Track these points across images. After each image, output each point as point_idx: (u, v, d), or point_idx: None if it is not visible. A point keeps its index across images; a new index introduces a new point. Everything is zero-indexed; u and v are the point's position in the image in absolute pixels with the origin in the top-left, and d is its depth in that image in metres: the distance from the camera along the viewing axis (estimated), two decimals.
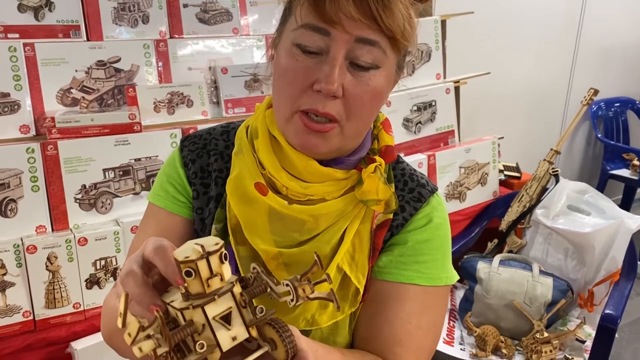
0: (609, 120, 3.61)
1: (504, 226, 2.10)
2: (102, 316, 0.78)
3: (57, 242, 1.35)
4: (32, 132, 1.47)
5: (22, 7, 1.49)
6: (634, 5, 3.52)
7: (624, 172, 3.32)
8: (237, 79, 1.76)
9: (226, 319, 0.50)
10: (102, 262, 1.42)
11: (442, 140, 2.19)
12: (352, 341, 0.78)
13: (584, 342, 1.72)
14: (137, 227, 0.86)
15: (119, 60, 1.60)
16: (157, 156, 1.54)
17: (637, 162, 3.27)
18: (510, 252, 2.06)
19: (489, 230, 2.16)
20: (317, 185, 0.72)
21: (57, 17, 1.54)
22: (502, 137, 2.27)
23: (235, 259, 0.75)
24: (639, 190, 3.70)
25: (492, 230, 2.15)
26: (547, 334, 1.68)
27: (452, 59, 2.28)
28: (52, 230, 1.42)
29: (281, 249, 0.73)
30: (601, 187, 3.31)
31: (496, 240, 2.11)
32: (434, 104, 2.13)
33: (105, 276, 1.43)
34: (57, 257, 1.35)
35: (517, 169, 2.40)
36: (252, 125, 0.77)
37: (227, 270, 0.50)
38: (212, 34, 1.78)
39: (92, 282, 1.41)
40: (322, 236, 0.73)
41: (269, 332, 0.52)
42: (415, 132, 2.09)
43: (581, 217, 1.98)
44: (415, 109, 2.07)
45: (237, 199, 0.75)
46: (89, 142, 1.44)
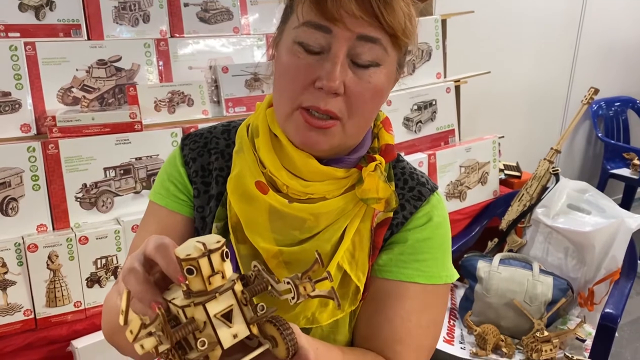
0: (609, 119, 3.61)
1: (504, 225, 2.10)
2: (103, 314, 0.78)
3: (58, 241, 1.35)
4: (33, 131, 1.48)
5: (23, 7, 1.49)
6: (634, 4, 3.52)
7: (625, 172, 3.32)
8: (238, 78, 1.76)
9: (227, 317, 0.50)
10: (103, 261, 1.42)
11: (442, 139, 2.19)
12: (352, 339, 0.78)
13: (584, 341, 1.72)
14: (138, 226, 0.87)
15: (119, 59, 1.61)
16: (157, 155, 1.54)
17: (637, 162, 3.27)
18: (510, 251, 2.06)
19: (489, 229, 2.16)
20: (317, 183, 0.72)
21: (57, 16, 1.54)
22: (503, 137, 2.27)
23: (235, 258, 0.75)
24: (639, 189, 3.69)
25: (493, 229, 2.15)
26: (547, 333, 1.68)
27: (452, 58, 2.28)
28: (53, 229, 1.42)
29: (281, 247, 0.73)
30: (601, 187, 3.31)
31: (496, 239, 2.11)
32: (434, 103, 2.13)
33: (106, 275, 1.43)
34: (58, 256, 1.36)
35: (517, 168, 2.40)
36: (253, 123, 0.77)
37: (228, 268, 0.50)
38: (213, 33, 1.79)
39: (93, 280, 1.42)
40: (323, 234, 0.73)
41: (270, 329, 0.52)
42: (415, 131, 2.09)
43: (581, 216, 1.98)
44: (415, 108, 2.08)
45: (238, 197, 0.75)
46: (90, 141, 1.44)
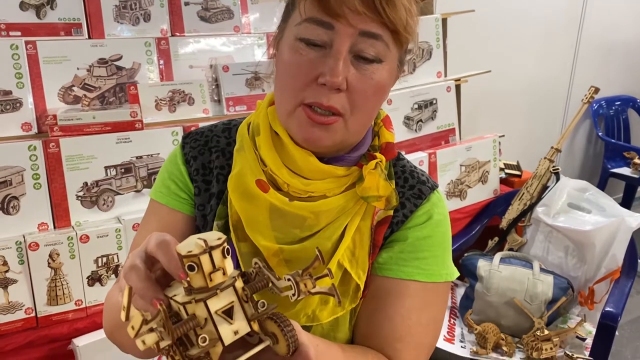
0: (609, 118, 3.61)
1: (504, 224, 2.10)
2: (104, 312, 0.79)
3: (59, 240, 1.36)
4: (34, 129, 1.48)
5: (24, 5, 1.50)
6: (635, 3, 3.51)
7: (625, 171, 3.32)
8: (238, 77, 1.77)
9: (228, 313, 0.50)
10: (104, 260, 1.43)
11: (442, 138, 2.19)
12: (353, 337, 0.79)
13: (584, 339, 1.72)
14: (139, 225, 0.87)
15: (120, 58, 1.61)
16: (158, 154, 1.54)
17: (637, 161, 3.27)
18: (510, 250, 2.07)
19: (490, 228, 2.16)
20: (318, 182, 0.72)
21: (58, 15, 1.55)
22: (503, 135, 2.27)
23: (236, 256, 0.75)
24: (639, 188, 3.69)
25: (493, 228, 2.15)
26: (547, 332, 1.68)
27: (453, 57, 2.28)
28: (54, 227, 1.42)
29: (282, 245, 0.73)
30: (602, 186, 3.31)
31: (497, 238, 2.11)
32: (434, 102, 2.13)
33: (106, 273, 1.43)
34: (59, 254, 1.36)
35: (517, 167, 2.40)
36: (254, 122, 0.77)
37: (229, 264, 0.50)
38: (214, 32, 1.79)
39: (94, 279, 1.42)
40: (323, 233, 0.73)
41: (271, 326, 0.52)
42: (416, 130, 2.09)
43: (582, 215, 1.98)
44: (416, 107, 2.08)
45: (239, 195, 0.75)
46: (91, 139, 1.44)
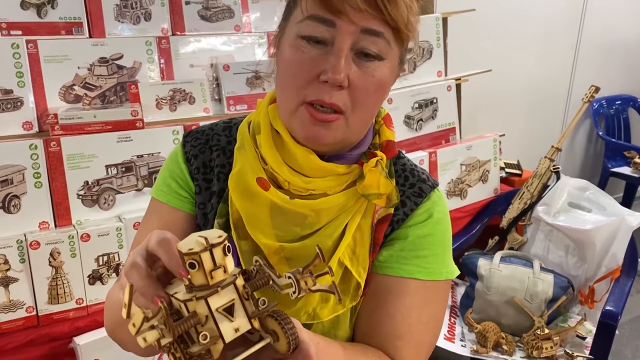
0: (610, 117, 3.61)
1: (504, 223, 2.10)
2: (105, 310, 0.79)
3: (60, 238, 1.36)
4: (35, 128, 1.48)
5: (24, 4, 1.50)
6: (635, 2, 3.51)
7: (625, 170, 3.32)
8: (239, 76, 1.77)
9: (229, 311, 0.50)
10: (105, 258, 1.43)
11: (443, 137, 2.19)
12: (353, 335, 0.79)
13: (584, 338, 1.73)
14: (140, 223, 0.87)
15: (121, 57, 1.61)
16: (159, 153, 1.54)
17: (638, 160, 3.26)
18: (511, 249, 2.07)
19: (490, 227, 2.16)
20: (318, 180, 0.72)
21: (59, 14, 1.55)
22: (503, 135, 2.27)
23: (237, 254, 0.75)
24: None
25: (493, 227, 2.15)
26: (547, 331, 1.68)
27: (453, 56, 2.28)
28: (55, 226, 1.42)
29: (283, 243, 0.73)
30: (602, 185, 3.30)
31: (497, 237, 2.11)
32: (435, 101, 2.13)
33: (107, 272, 1.43)
34: (60, 253, 1.36)
35: (518, 166, 2.40)
36: (255, 120, 0.78)
37: (230, 262, 0.51)
38: (214, 31, 1.79)
39: (95, 277, 1.42)
40: (324, 231, 0.73)
41: (271, 324, 0.53)
42: (416, 129, 2.10)
43: (582, 214, 1.98)
44: (416, 106, 2.08)
45: (239, 194, 0.75)
46: (92, 138, 1.45)
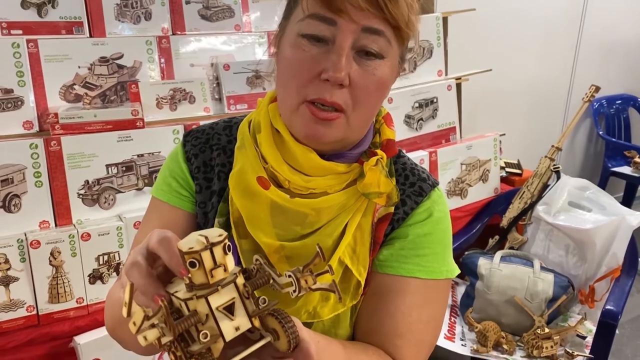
0: (610, 117, 3.61)
1: (505, 223, 2.10)
2: (106, 309, 0.79)
3: (60, 238, 1.36)
4: (36, 128, 1.48)
5: (25, 4, 1.50)
6: (635, 2, 3.51)
7: (626, 170, 3.31)
8: (239, 75, 1.77)
9: (229, 310, 0.50)
10: (105, 258, 1.43)
11: (443, 137, 2.19)
12: (353, 334, 0.79)
13: (584, 337, 1.73)
14: (140, 223, 0.87)
15: (121, 56, 1.61)
16: (159, 152, 1.54)
17: (638, 160, 3.26)
18: (511, 248, 2.07)
19: (490, 226, 2.16)
20: (319, 178, 0.72)
21: (60, 14, 1.55)
22: (504, 134, 2.27)
23: (237, 253, 0.75)
24: None
25: (493, 226, 2.15)
26: (548, 330, 1.68)
27: (453, 55, 2.28)
28: (56, 225, 1.43)
29: (283, 242, 0.73)
30: (602, 185, 3.30)
31: (497, 236, 2.11)
32: (435, 100, 2.13)
33: (108, 271, 1.43)
34: (60, 252, 1.36)
35: (518, 165, 2.40)
36: (255, 119, 0.78)
37: (230, 261, 0.51)
38: (214, 30, 1.79)
39: (95, 277, 1.42)
40: (324, 229, 0.73)
41: (272, 322, 0.53)
42: (416, 128, 2.10)
43: (582, 213, 1.98)
44: (416, 105, 2.08)
45: (240, 193, 0.75)
46: (92, 138, 1.45)
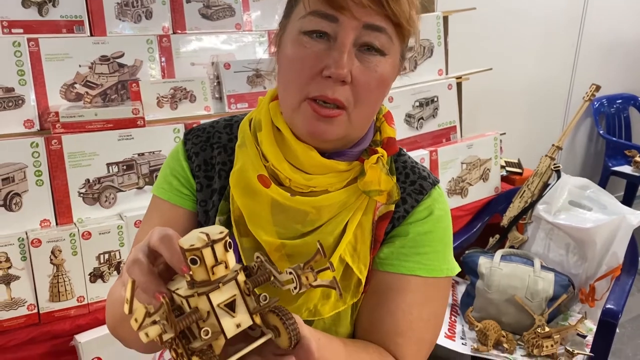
0: (611, 116, 3.60)
1: (505, 222, 2.10)
2: (107, 307, 0.79)
3: (61, 236, 1.36)
4: (37, 126, 1.48)
5: (26, 3, 1.50)
6: (636, 2, 3.50)
7: (626, 169, 3.31)
8: (240, 74, 1.77)
9: (230, 307, 0.50)
10: (106, 256, 1.43)
11: (444, 136, 2.19)
12: (354, 332, 0.79)
13: (585, 336, 1.73)
14: (141, 221, 0.87)
15: (122, 55, 1.61)
16: (160, 151, 1.54)
17: (639, 159, 3.26)
18: (511, 247, 2.07)
19: (491, 225, 2.16)
20: (319, 177, 0.72)
21: (60, 13, 1.55)
22: (504, 133, 2.28)
23: (238, 251, 0.75)
24: None
25: (494, 225, 2.15)
26: (548, 329, 1.68)
27: (454, 55, 2.28)
28: (56, 224, 1.43)
29: (284, 240, 0.73)
30: (603, 184, 3.30)
31: (498, 235, 2.11)
32: (436, 99, 2.13)
33: (109, 270, 1.44)
34: (61, 251, 1.37)
35: (518, 165, 2.40)
36: (256, 118, 0.78)
37: (231, 258, 0.51)
38: (215, 29, 1.79)
39: (96, 275, 1.42)
40: (325, 227, 0.74)
41: (273, 319, 0.53)
42: (417, 127, 2.10)
43: (583, 212, 1.98)
44: (417, 104, 2.08)
45: (240, 191, 0.75)
46: (93, 136, 1.45)
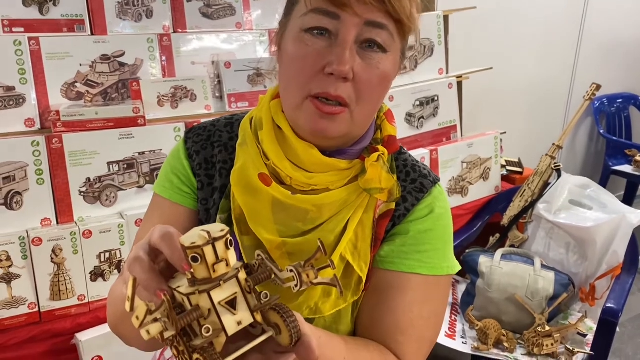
0: (611, 116, 3.60)
1: (505, 221, 2.10)
2: (109, 305, 0.79)
3: (62, 235, 1.36)
4: (37, 125, 1.49)
5: (26, 2, 1.50)
6: (636, 1, 3.50)
7: (627, 168, 3.31)
8: (240, 73, 1.77)
9: (231, 304, 0.51)
10: (107, 255, 1.43)
11: (444, 135, 2.19)
12: (355, 330, 0.79)
13: (585, 335, 1.73)
14: (142, 220, 0.87)
15: (123, 54, 1.61)
16: (161, 150, 1.54)
17: (639, 158, 3.26)
18: (512, 246, 2.07)
19: (491, 224, 2.16)
20: (320, 175, 0.73)
21: (61, 12, 1.55)
22: (505, 132, 2.28)
23: (239, 249, 0.75)
24: None
25: (494, 224, 2.15)
26: (548, 328, 1.68)
27: (454, 54, 2.28)
28: (57, 223, 1.43)
29: (285, 238, 0.73)
30: (603, 183, 3.30)
31: (498, 234, 2.11)
32: (436, 98, 2.13)
33: (109, 269, 1.44)
34: (62, 250, 1.37)
35: (519, 164, 2.40)
36: (256, 116, 0.78)
37: (232, 256, 0.51)
38: (216, 28, 1.79)
39: (97, 274, 1.43)
40: (326, 226, 0.74)
41: (274, 317, 0.53)
42: (417, 127, 2.10)
43: (583, 211, 1.98)
44: (417, 103, 2.08)
45: (241, 189, 0.75)
46: (94, 135, 1.45)
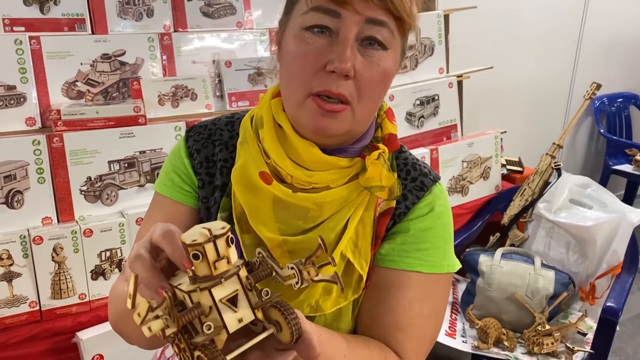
0: (611, 115, 3.60)
1: (506, 220, 2.10)
2: (110, 303, 0.79)
3: (62, 234, 1.37)
4: (38, 124, 1.49)
5: (27, 1, 1.51)
6: (637, 1, 3.50)
7: (627, 168, 3.31)
8: (241, 72, 1.77)
9: (233, 302, 0.51)
10: (107, 254, 1.43)
11: (444, 134, 2.19)
12: (355, 328, 0.79)
13: (585, 334, 1.73)
14: (142, 219, 0.87)
15: (123, 53, 1.62)
16: (161, 149, 1.55)
17: (639, 157, 3.26)
18: (512, 245, 2.07)
19: (491, 224, 2.17)
20: (321, 173, 0.73)
21: (62, 11, 1.56)
22: (505, 132, 2.28)
23: (240, 247, 0.76)
24: None
25: (494, 224, 2.15)
26: (548, 327, 1.68)
27: (455, 53, 2.28)
28: (58, 221, 1.43)
29: (286, 236, 0.73)
30: (604, 182, 3.30)
31: (498, 233, 2.11)
32: (436, 98, 2.13)
33: (110, 267, 1.44)
34: (62, 248, 1.37)
35: (519, 163, 2.40)
36: (257, 114, 0.78)
37: (233, 253, 0.51)
38: (216, 27, 1.80)
39: (98, 273, 1.43)
40: (327, 224, 0.74)
41: (274, 314, 0.53)
42: (418, 126, 2.10)
43: (583, 210, 1.98)
44: (418, 103, 2.08)
45: (242, 188, 0.75)
46: (94, 134, 1.45)
